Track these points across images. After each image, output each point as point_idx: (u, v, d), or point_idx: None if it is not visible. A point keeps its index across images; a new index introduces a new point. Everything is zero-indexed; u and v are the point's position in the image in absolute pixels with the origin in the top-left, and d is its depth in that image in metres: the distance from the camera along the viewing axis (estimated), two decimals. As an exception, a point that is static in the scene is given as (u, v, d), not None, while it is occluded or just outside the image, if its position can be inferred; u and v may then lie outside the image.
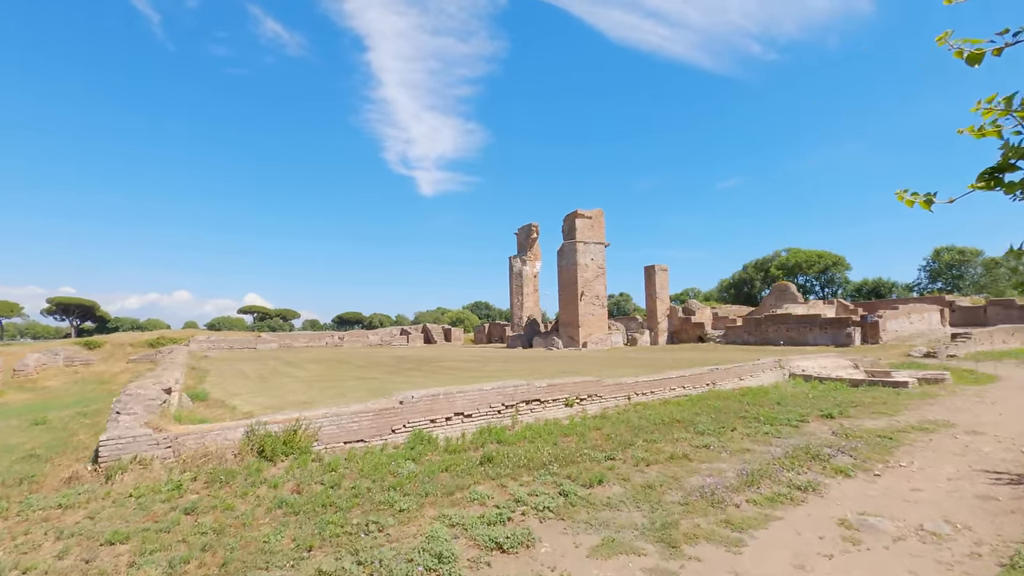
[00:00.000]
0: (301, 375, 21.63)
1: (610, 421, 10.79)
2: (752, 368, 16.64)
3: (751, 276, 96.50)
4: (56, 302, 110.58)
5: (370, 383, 17.53)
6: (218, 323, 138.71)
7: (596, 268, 45.87)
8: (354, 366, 26.52)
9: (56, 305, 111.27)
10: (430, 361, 29.63)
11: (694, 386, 14.51)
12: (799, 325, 40.94)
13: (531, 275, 53.55)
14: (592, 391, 12.10)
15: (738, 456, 8.21)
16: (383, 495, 6.34)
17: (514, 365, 25.44)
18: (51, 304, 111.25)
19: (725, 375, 15.61)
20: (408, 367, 25.46)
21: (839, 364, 19.34)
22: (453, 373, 21.64)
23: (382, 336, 58.02)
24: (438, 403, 9.70)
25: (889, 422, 10.60)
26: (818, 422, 10.65)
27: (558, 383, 11.53)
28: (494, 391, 10.46)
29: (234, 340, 48.36)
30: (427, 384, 16.77)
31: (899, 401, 13.08)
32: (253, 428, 7.81)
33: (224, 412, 11.12)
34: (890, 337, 37.34)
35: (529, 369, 22.94)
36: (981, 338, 33.31)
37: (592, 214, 46.59)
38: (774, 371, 17.35)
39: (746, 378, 16.23)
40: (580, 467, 7.63)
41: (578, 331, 44.23)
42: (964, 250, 67.01)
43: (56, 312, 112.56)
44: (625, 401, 12.72)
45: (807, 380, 17.37)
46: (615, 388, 12.62)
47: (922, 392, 14.36)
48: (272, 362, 29.95)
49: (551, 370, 22.60)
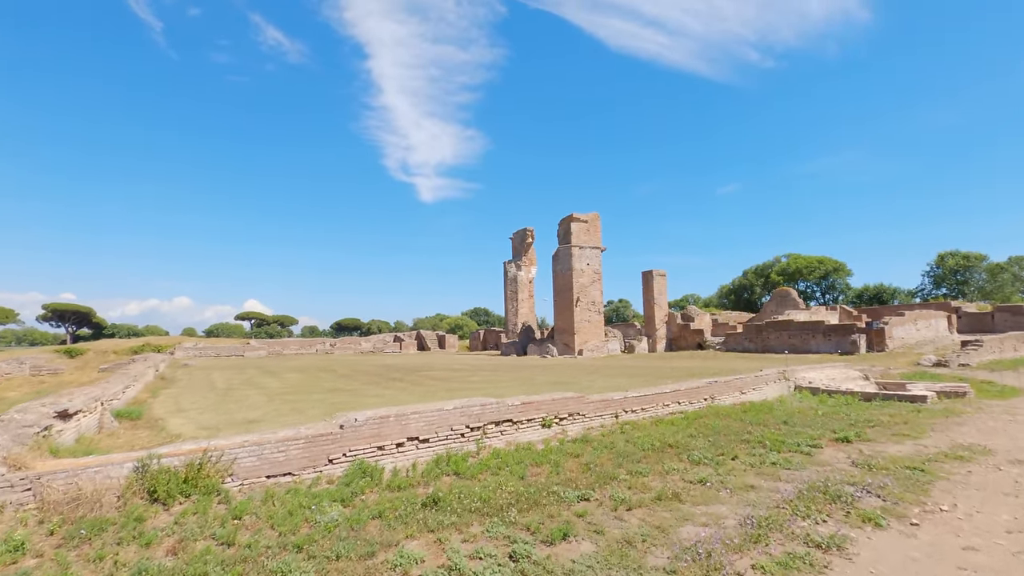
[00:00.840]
0: (273, 386, 20.14)
1: (592, 446, 9.28)
2: (754, 380, 15.11)
3: (751, 282, 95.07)
4: (52, 308, 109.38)
5: (339, 396, 16.04)
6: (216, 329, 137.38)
7: (592, 273, 44.39)
8: (336, 375, 25.03)
9: (52, 312, 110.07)
10: (417, 370, 28.14)
11: (690, 401, 12.99)
12: (801, 332, 39.37)
13: (526, 281, 52.08)
14: (574, 409, 10.60)
15: (740, 496, 6.70)
16: (277, 560, 4.84)
17: (503, 375, 23.93)
18: (47, 311, 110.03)
19: (725, 388, 14.09)
20: (392, 376, 23.97)
21: (848, 375, 17.82)
22: (436, 384, 20.13)
23: (375, 343, 56.55)
24: (387, 427, 8.21)
25: (916, 447, 9.07)
26: (833, 447, 9.13)
27: (534, 401, 10.03)
28: (457, 412, 8.96)
29: (221, 347, 46.89)
30: (401, 399, 15.27)
31: (921, 420, 11.55)
32: (145, 462, 6.33)
33: (148, 435, 9.64)
34: (896, 344, 35.77)
35: (517, 379, 21.43)
36: (992, 346, 31.73)
37: (588, 218, 45.16)
38: (778, 383, 15.83)
39: (748, 392, 14.70)
40: (545, 512, 6.12)
41: (573, 338, 42.69)
42: (969, 255, 65.38)
43: (52, 319, 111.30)
44: (612, 420, 11.21)
45: (814, 393, 15.84)
46: (601, 405, 11.12)
47: (944, 409, 12.82)
48: (251, 371, 28.46)
49: (541, 380, 21.08)
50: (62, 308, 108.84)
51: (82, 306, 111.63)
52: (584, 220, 44.92)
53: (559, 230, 45.95)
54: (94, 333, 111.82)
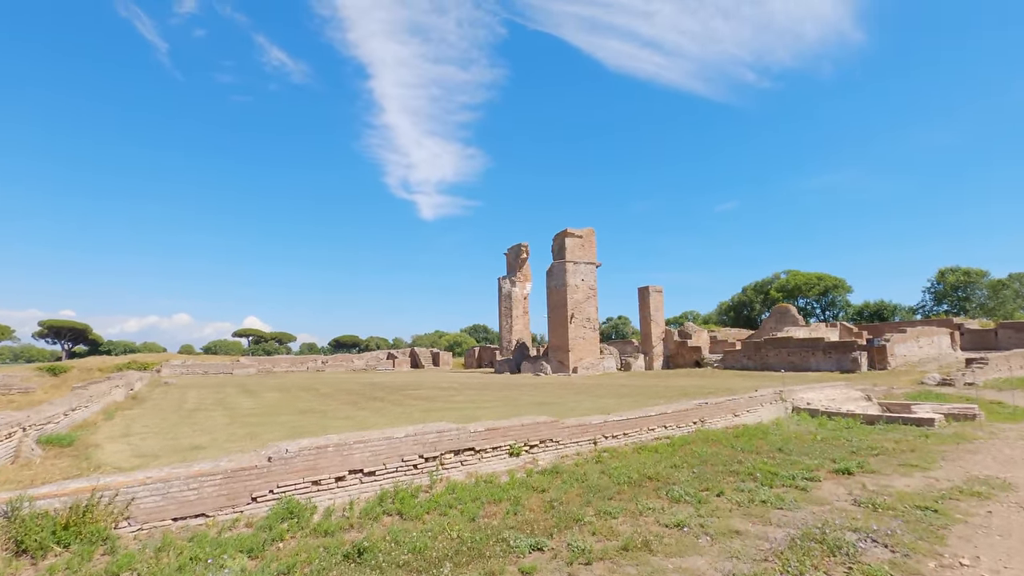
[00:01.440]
0: (245, 406, 19.10)
1: (562, 478, 8.25)
2: (748, 402, 14.05)
3: (751, 299, 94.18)
4: (48, 325, 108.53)
5: (307, 419, 15.00)
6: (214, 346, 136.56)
7: (587, 289, 43.44)
8: (315, 395, 23.97)
9: (48, 328, 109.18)
10: (402, 388, 27.07)
11: (678, 425, 11.94)
12: (801, 349, 38.27)
13: (521, 297, 51.14)
14: (546, 435, 9.57)
15: (722, 544, 5.66)
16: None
17: (488, 394, 22.87)
18: (43, 327, 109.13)
19: (716, 411, 13.03)
20: (374, 396, 22.91)
21: (849, 396, 16.75)
22: (416, 404, 19.07)
23: (368, 360, 55.43)
24: (326, 458, 7.20)
25: (925, 480, 8.02)
26: (833, 480, 8.08)
27: (500, 427, 9.01)
28: (409, 440, 7.95)
29: (209, 365, 45.83)
30: (372, 421, 14.23)
31: (929, 446, 10.49)
32: (14, 506, 5.33)
33: (67, 466, 8.62)
34: (899, 362, 34.63)
35: (501, 399, 20.36)
36: (998, 363, 30.60)
37: (583, 233, 44.37)
38: (774, 405, 14.77)
39: (741, 414, 13.64)
40: (486, 567, 5.09)
41: (568, 355, 41.58)
42: (969, 271, 64.38)
43: (48, 335, 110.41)
44: (590, 447, 10.17)
45: (813, 416, 14.77)
46: (578, 431, 10.09)
47: (954, 434, 11.76)
48: (230, 390, 27.41)
49: (526, 400, 20.01)
50: (58, 325, 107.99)
51: (78, 323, 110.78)
52: (579, 235, 44.12)
53: (553, 245, 45.14)
54: (90, 350, 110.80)
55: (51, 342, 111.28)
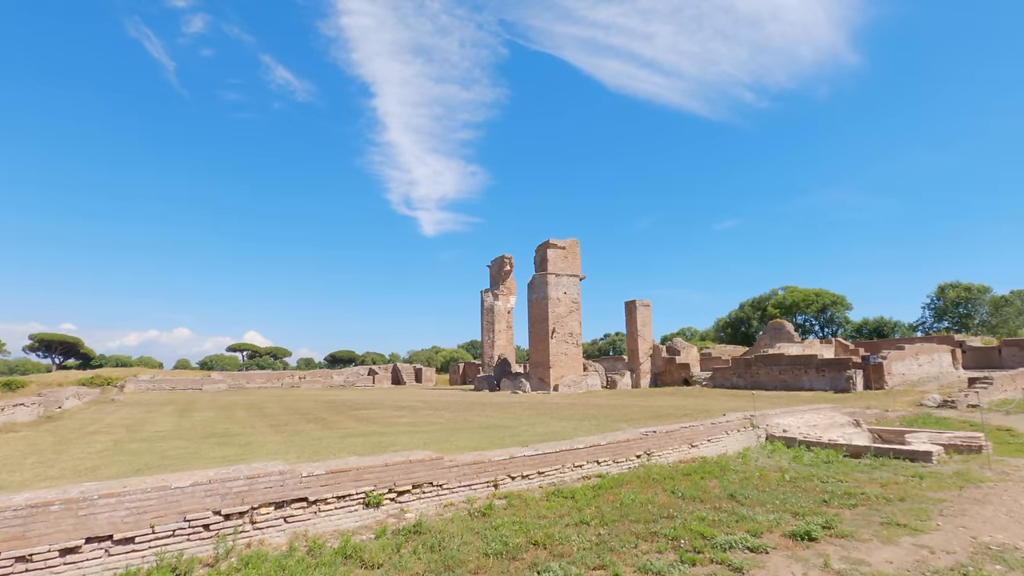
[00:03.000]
0: (162, 427, 16.85)
1: (423, 541, 5.96)
2: (710, 429, 11.68)
3: (748, 315, 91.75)
4: (38, 339, 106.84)
5: (202, 446, 12.71)
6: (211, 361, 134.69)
7: (569, 303, 41.18)
8: (254, 415, 21.67)
9: (39, 342, 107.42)
10: (357, 408, 24.72)
11: (615, 460, 9.61)
12: (793, 367, 35.74)
13: (504, 311, 48.87)
14: (425, 477, 7.28)
15: None
16: None
17: (446, 414, 20.53)
18: (33, 341, 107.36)
19: (668, 441, 10.69)
20: (318, 416, 20.58)
21: (834, 421, 14.37)
22: (353, 426, 16.74)
23: (347, 376, 53.10)
24: (48, 520, 4.95)
25: (916, 551, 5.69)
26: (785, 551, 5.75)
27: (351, 468, 6.73)
28: (200, 490, 5.69)
29: (178, 380, 43.57)
30: (266, 451, 11.94)
31: (924, 492, 8.14)
32: None
33: None
34: (897, 381, 32.08)
35: (451, 420, 18.03)
36: (1003, 383, 28.07)
37: (566, 244, 42.25)
38: (743, 433, 12.40)
39: (701, 444, 11.29)
40: None
41: (549, 372, 39.15)
42: (971, 287, 61.73)
43: (39, 349, 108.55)
44: (488, 491, 7.86)
45: (789, 445, 12.41)
46: (471, 470, 7.79)
47: (956, 473, 9.39)
48: (168, 408, 25.12)
49: (478, 421, 17.68)
50: (49, 338, 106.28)
51: (69, 336, 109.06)
52: (561, 246, 42.00)
53: (536, 257, 43.02)
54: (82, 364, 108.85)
55: (42, 356, 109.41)
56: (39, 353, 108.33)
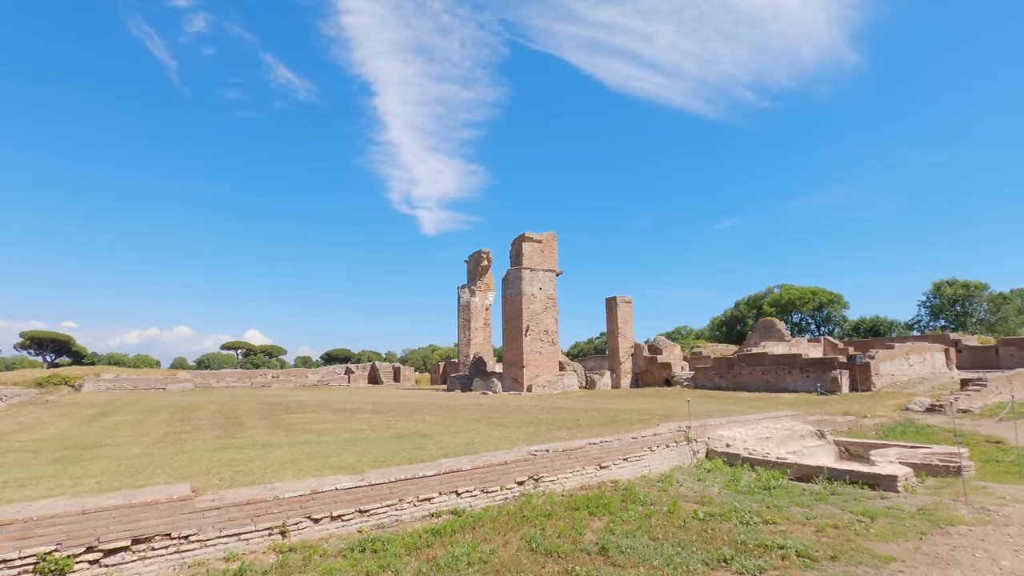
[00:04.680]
0: (40, 435, 14.74)
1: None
2: (629, 446, 9.44)
3: (743, 313, 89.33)
4: (29, 336, 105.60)
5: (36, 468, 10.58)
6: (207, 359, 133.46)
7: (545, 299, 38.98)
8: (177, 419, 19.56)
9: (29, 340, 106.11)
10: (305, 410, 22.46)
11: (486, 489, 7.41)
12: (776, 367, 33.42)
13: (481, 308, 46.72)
14: (158, 527, 5.11)
15: None
16: None
17: (380, 419, 18.34)
18: (24, 339, 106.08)
19: (566, 462, 8.47)
20: (256, 419, 18.45)
21: (793, 432, 12.13)
22: (274, 435, 14.59)
23: (323, 375, 51.07)
24: None
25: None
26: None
27: (17, 518, 4.59)
28: None
29: (140, 380, 41.62)
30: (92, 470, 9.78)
31: (869, 546, 5.91)
32: None
33: None
34: (885, 383, 29.74)
35: (380, 427, 15.81)
36: (998, 385, 25.70)
37: (542, 237, 40.06)
38: (674, 449, 10.16)
39: (613, 464, 9.05)
40: None
41: (522, 372, 36.95)
42: (968, 284, 59.06)
43: (30, 347, 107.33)
44: (268, 542, 5.68)
45: (731, 463, 10.20)
46: (243, 514, 5.59)
47: (921, 510, 7.14)
48: (90, 411, 23.03)
49: (402, 429, 15.51)
50: (39, 336, 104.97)
51: (60, 334, 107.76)
52: (538, 240, 39.82)
53: (511, 251, 40.85)
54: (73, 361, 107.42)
55: (33, 354, 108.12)
56: (31, 351, 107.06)
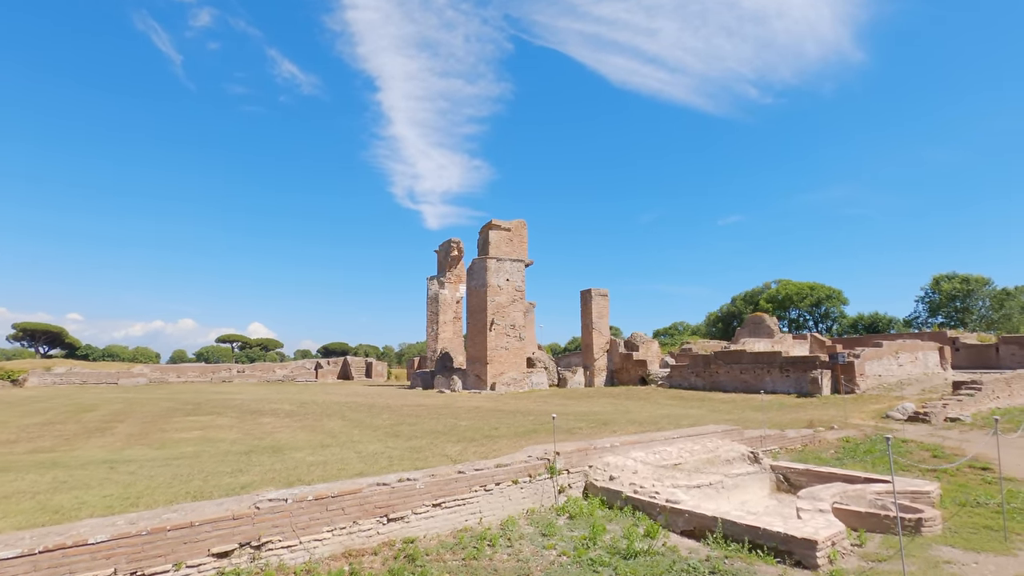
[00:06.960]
0: None
1: None
2: (448, 483, 6.68)
3: (740, 309, 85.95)
4: (21, 328, 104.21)
5: None
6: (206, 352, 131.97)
7: (512, 291, 36.17)
8: (75, 421, 17.05)
9: (22, 331, 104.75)
10: (219, 410, 19.89)
11: (139, 574, 4.71)
12: (755, 366, 30.43)
13: (451, 301, 44.00)
14: None
15: None
16: None
17: (278, 423, 15.67)
18: (16, 330, 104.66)
19: (320, 516, 5.73)
20: (146, 423, 15.80)
21: (715, 455, 9.30)
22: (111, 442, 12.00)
23: (291, 370, 48.63)
24: None
25: None
26: None
27: None
28: None
29: (91, 374, 39.26)
30: None
31: None
32: None
33: None
34: (871, 384, 26.71)
35: (248, 441, 13.14)
36: (995, 388, 22.59)
37: (511, 225, 37.21)
38: (534, 484, 7.38)
39: (413, 513, 6.27)
40: None
41: (486, 369, 34.18)
42: (968, 278, 55.54)
43: (23, 338, 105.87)
44: None
45: (610, 505, 7.42)
46: None
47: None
48: None
49: (319, 432, 12.82)
50: (32, 327, 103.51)
51: (53, 326, 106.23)
52: (506, 228, 36.99)
53: (479, 239, 38.08)
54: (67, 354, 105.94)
55: (26, 345, 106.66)
56: (24, 342, 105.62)
